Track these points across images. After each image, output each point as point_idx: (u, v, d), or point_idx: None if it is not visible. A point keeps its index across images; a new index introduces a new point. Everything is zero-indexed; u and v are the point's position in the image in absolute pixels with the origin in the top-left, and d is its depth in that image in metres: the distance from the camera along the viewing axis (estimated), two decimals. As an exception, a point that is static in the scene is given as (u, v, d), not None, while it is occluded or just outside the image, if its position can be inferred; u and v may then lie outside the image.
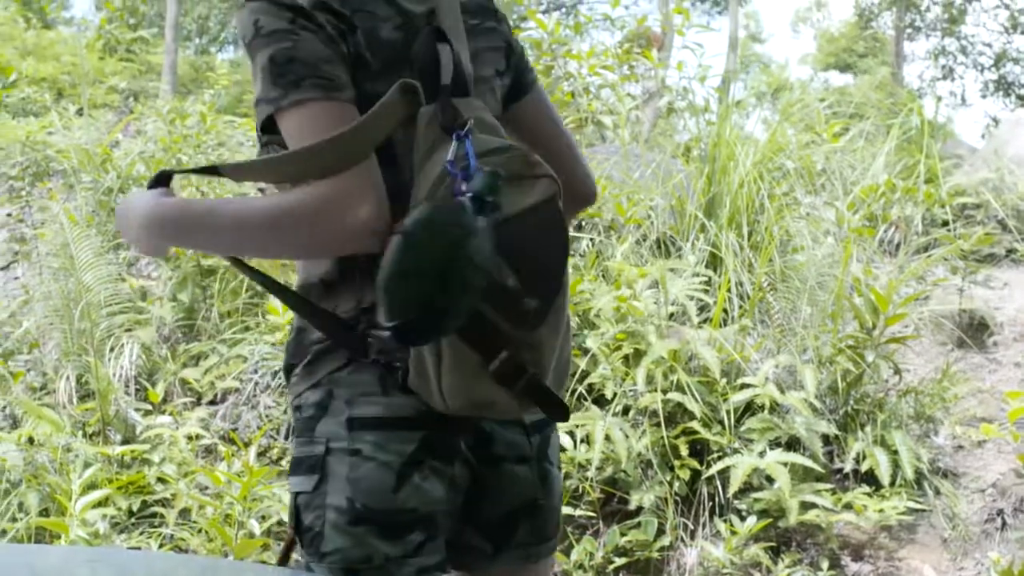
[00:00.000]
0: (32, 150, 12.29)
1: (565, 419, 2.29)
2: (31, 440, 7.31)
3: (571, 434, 6.42)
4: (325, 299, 2.31)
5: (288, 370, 2.40)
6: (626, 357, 6.65)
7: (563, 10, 26.33)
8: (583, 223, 7.84)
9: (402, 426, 2.24)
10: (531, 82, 2.60)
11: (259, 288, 8.47)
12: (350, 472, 2.22)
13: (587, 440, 6.37)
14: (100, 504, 6.47)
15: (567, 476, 6.38)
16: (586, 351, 6.65)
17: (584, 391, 6.56)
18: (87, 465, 6.92)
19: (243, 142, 11.52)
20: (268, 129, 2.28)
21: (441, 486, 2.27)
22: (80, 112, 14.65)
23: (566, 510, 6.21)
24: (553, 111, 2.66)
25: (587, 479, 6.33)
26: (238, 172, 2.54)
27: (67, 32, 23.76)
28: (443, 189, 2.09)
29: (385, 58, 2.29)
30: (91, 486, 6.59)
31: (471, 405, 2.18)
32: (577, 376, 6.55)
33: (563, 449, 6.17)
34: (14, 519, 6.84)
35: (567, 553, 6.26)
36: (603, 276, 7.40)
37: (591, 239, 7.74)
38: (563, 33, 10.47)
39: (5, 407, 8.53)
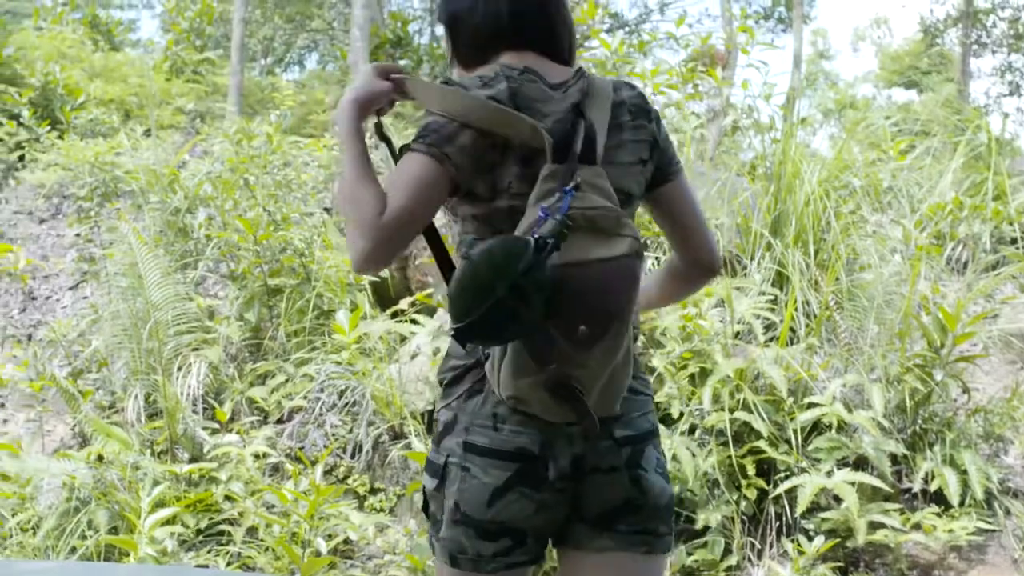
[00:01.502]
0: (101, 171, 12.40)
1: (594, 431, 2.71)
2: (100, 458, 7.37)
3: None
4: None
5: (440, 383, 2.96)
6: (692, 376, 6.64)
7: (626, 29, 26.33)
8: (648, 242, 7.82)
9: (502, 457, 2.76)
10: (674, 173, 3.03)
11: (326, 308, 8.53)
12: (460, 484, 2.77)
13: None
14: (168, 522, 6.51)
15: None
16: (652, 370, 6.64)
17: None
18: (155, 483, 6.97)
19: (308, 162, 11.58)
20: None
21: (530, 506, 2.76)
22: (148, 133, 14.78)
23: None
24: (692, 196, 3.09)
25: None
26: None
27: (134, 54, 23.98)
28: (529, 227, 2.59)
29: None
30: (159, 504, 6.63)
31: (514, 398, 2.68)
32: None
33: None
34: (84, 536, 6.89)
35: (633, 572, 6.26)
36: (669, 295, 7.39)
37: (656, 258, 7.72)
38: (626, 52, 10.46)
39: (75, 425, 8.62)
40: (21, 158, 15.13)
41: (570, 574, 2.96)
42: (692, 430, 6.51)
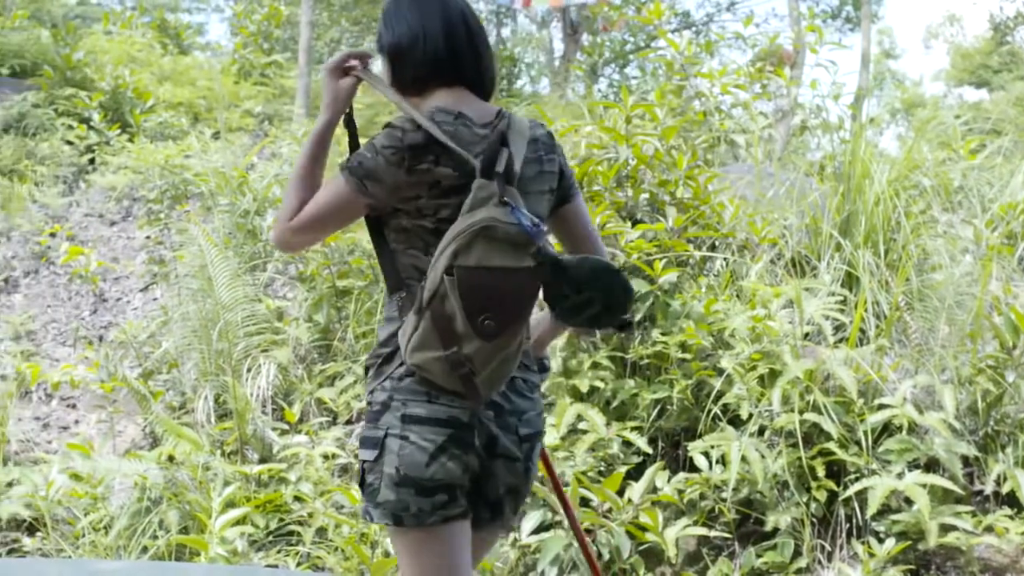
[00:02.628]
0: (170, 174, 12.49)
1: (478, 406, 3.33)
2: (171, 458, 7.43)
3: (706, 455, 6.40)
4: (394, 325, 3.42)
5: (366, 369, 3.50)
6: (761, 377, 6.61)
7: (693, 29, 26.24)
8: (716, 243, 7.80)
9: (438, 424, 3.31)
10: (573, 195, 3.73)
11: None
12: (400, 451, 3.30)
13: (722, 461, 6.33)
14: (239, 522, 6.55)
15: (702, 497, 6.36)
16: (721, 371, 6.62)
17: (719, 411, 6.52)
18: (226, 484, 7.01)
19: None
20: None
21: (458, 467, 3.32)
22: (216, 136, 14.87)
23: (700, 531, 6.21)
24: (586, 215, 3.80)
25: (723, 500, 6.29)
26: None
27: (203, 57, 24.12)
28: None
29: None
30: (230, 504, 6.67)
31: (417, 366, 3.24)
32: (712, 396, 6.52)
33: (685, 466, 6.13)
34: (155, 536, 6.94)
35: (702, 574, 6.24)
36: (737, 296, 7.35)
37: (725, 259, 7.70)
38: (694, 52, 10.43)
39: (146, 426, 8.68)
40: (92, 161, 15.26)
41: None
42: (761, 431, 6.48)
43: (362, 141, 3.51)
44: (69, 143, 15.23)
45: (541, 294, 3.32)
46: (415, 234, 3.40)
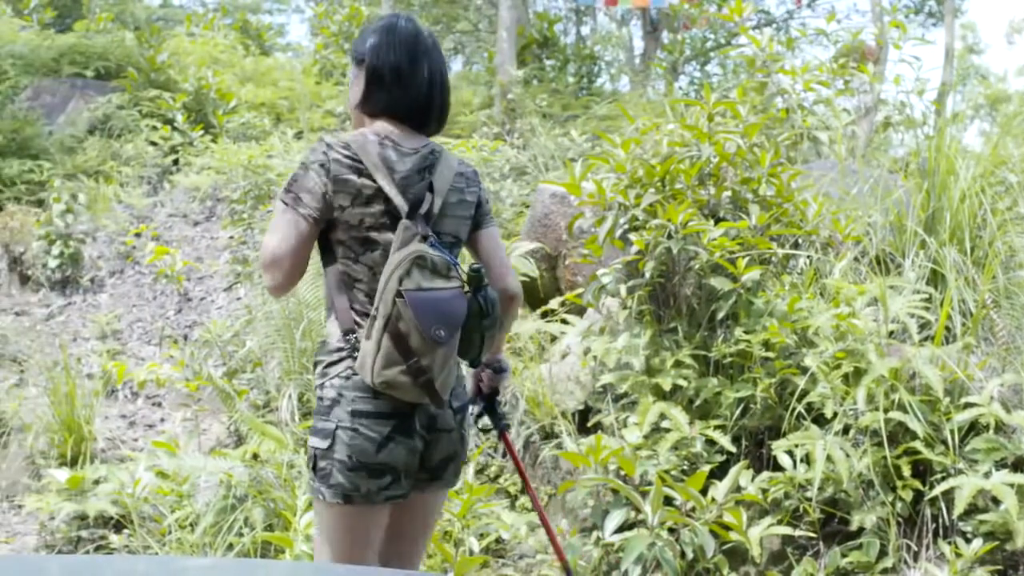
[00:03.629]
0: (253, 174, 12.58)
1: (441, 406, 4.06)
2: (255, 456, 7.47)
3: (790, 453, 6.36)
4: (347, 330, 4.08)
5: (315, 366, 4.15)
6: (846, 376, 6.56)
7: (774, 26, 26.07)
8: (799, 241, 7.75)
9: (384, 417, 3.97)
10: (488, 223, 4.42)
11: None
12: (350, 441, 3.95)
13: (807, 460, 6.29)
14: (323, 520, 6.56)
15: (787, 496, 6.33)
16: (804, 370, 6.58)
17: (803, 410, 6.48)
18: (311, 481, 7.03)
19: (455, 162, 11.62)
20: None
21: (404, 451, 4.00)
22: (298, 136, 14.97)
23: (785, 530, 6.18)
24: (499, 240, 4.46)
25: (807, 499, 6.25)
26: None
27: (284, 58, 24.28)
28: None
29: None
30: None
31: (386, 384, 3.87)
32: (796, 395, 6.49)
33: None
34: (240, 534, 6.99)
35: (786, 574, 6.20)
36: (821, 294, 7.30)
37: (808, 257, 7.65)
38: (775, 49, 10.37)
39: (230, 424, 8.75)
40: (176, 162, 15.41)
41: (407, 507, 4.22)
42: (846, 430, 6.43)
43: None
44: (153, 144, 15.39)
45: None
46: (347, 245, 4.08)
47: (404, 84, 4.19)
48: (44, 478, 8.46)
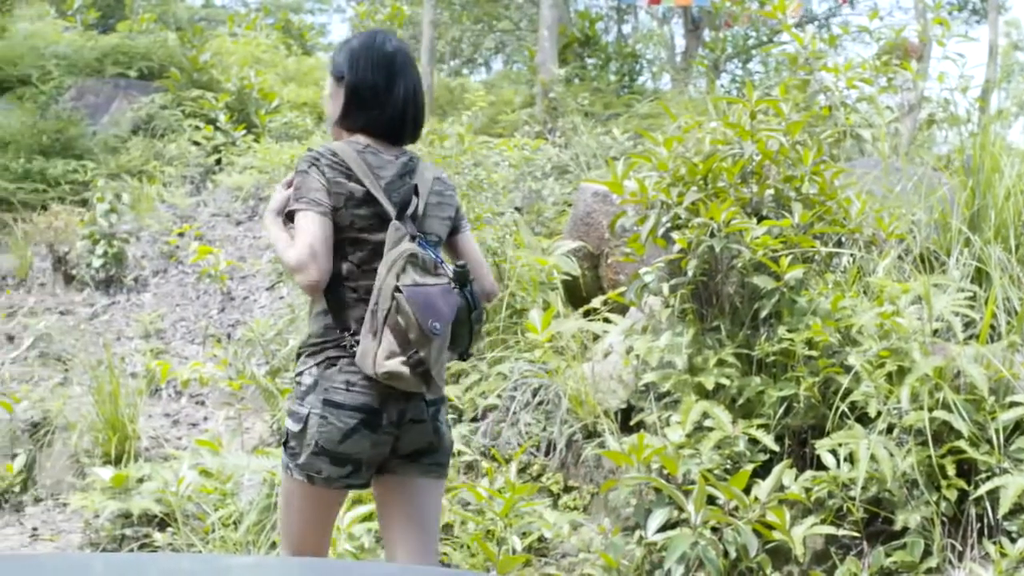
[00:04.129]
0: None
1: (438, 394, 4.38)
2: (298, 455, 7.47)
3: (834, 452, 6.34)
4: (326, 320, 4.38)
5: (298, 354, 4.46)
6: (890, 374, 6.53)
7: (816, 23, 25.97)
8: (843, 239, 7.72)
9: (352, 410, 4.24)
10: (464, 227, 4.74)
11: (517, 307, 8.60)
12: (319, 428, 4.25)
13: (850, 459, 6.27)
14: (366, 519, 6.59)
15: (830, 495, 6.30)
16: (848, 368, 6.56)
17: (847, 409, 6.46)
18: (353, 480, 7.05)
19: (499, 162, 11.64)
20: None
21: (367, 444, 4.27)
22: (341, 135, 14.98)
23: (828, 529, 6.16)
24: (473, 245, 4.78)
25: (851, 498, 6.23)
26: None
27: (326, 58, 24.32)
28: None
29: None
30: (356, 501, 6.72)
31: (387, 375, 4.13)
32: (840, 394, 6.46)
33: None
34: (284, 532, 6.99)
35: (830, 574, 6.18)
36: (864, 292, 7.27)
37: (852, 255, 7.62)
38: (817, 47, 10.33)
39: (273, 423, 8.78)
40: (218, 162, 15.48)
41: (386, 493, 4.53)
42: (890, 429, 6.40)
43: None
44: (196, 144, 15.47)
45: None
46: (336, 246, 4.33)
47: (382, 103, 4.50)
48: (88, 476, 8.51)
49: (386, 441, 4.32)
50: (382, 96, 4.50)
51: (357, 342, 4.23)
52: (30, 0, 22.11)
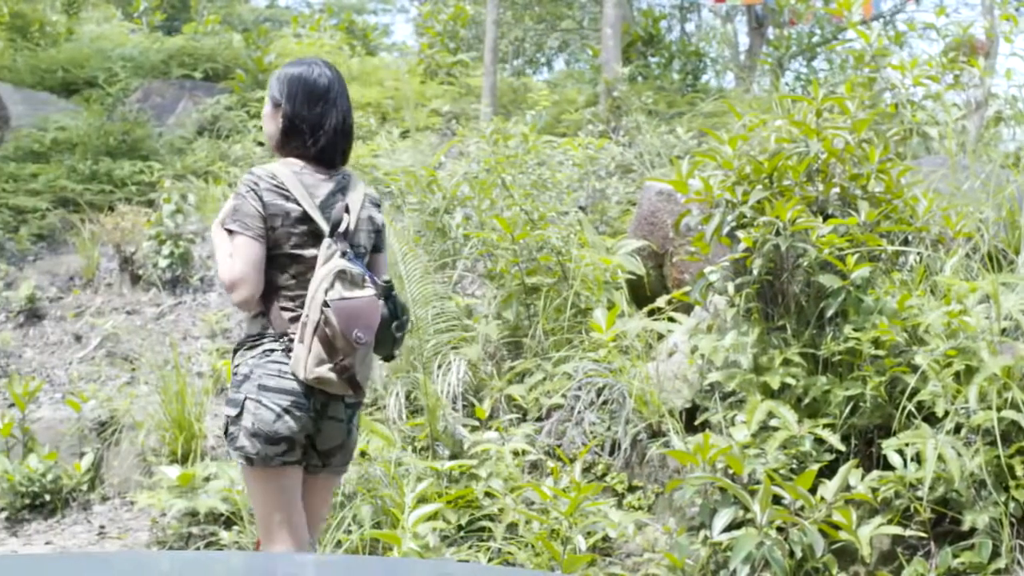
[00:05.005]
0: (362, 173, 12.64)
1: (362, 397, 4.98)
2: (363, 454, 7.52)
3: (900, 452, 6.30)
4: (264, 322, 4.88)
5: (235, 349, 4.96)
6: (957, 374, 6.48)
7: (882, 20, 25.80)
8: (909, 237, 7.67)
9: (284, 393, 4.71)
10: (382, 247, 5.16)
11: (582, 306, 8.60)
12: (255, 411, 4.70)
13: (917, 459, 6.23)
14: (431, 518, 6.61)
15: (897, 495, 6.26)
16: (915, 368, 6.51)
17: (914, 408, 6.41)
18: (418, 479, 7.09)
19: (562, 161, 11.63)
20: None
21: (297, 425, 4.72)
22: (404, 135, 15.03)
23: (895, 530, 6.12)
24: (386, 264, 5.25)
25: (918, 499, 6.19)
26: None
27: (389, 58, 24.41)
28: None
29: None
30: (422, 500, 6.75)
31: (317, 380, 4.66)
32: (907, 393, 6.42)
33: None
34: (349, 531, 7.04)
35: (897, 574, 6.15)
36: (931, 291, 7.22)
37: (918, 253, 7.57)
38: (883, 44, 10.26)
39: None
40: (283, 162, 15.51)
41: (305, 489, 4.94)
42: (957, 429, 6.36)
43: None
44: (260, 144, 15.52)
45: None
46: (276, 259, 4.81)
47: (315, 134, 4.95)
48: (155, 475, 8.58)
49: (310, 426, 4.80)
50: (315, 128, 4.95)
51: (292, 340, 4.76)
52: (97, 3, 22.32)
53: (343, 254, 4.78)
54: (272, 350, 4.80)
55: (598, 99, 17.30)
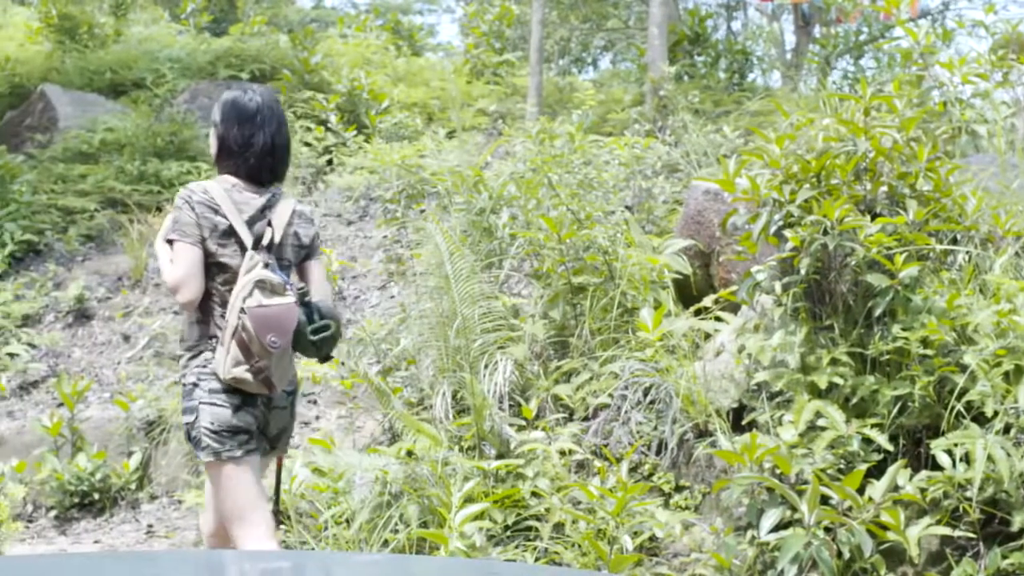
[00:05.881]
0: (407, 173, 12.67)
1: (292, 388, 5.54)
2: (410, 453, 7.53)
3: (949, 453, 6.26)
4: (200, 327, 5.40)
5: (178, 358, 5.50)
6: (1007, 373, 6.43)
7: (929, 18, 25.66)
8: (958, 236, 7.62)
9: (233, 393, 5.24)
10: (315, 256, 5.69)
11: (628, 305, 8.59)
12: (211, 410, 5.23)
13: (966, 459, 6.19)
14: (477, 517, 6.61)
15: (946, 496, 6.23)
16: (964, 367, 6.47)
17: (963, 408, 6.37)
18: (465, 479, 7.09)
19: (608, 160, 11.62)
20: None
21: (251, 417, 5.29)
22: (450, 135, 15.04)
23: (944, 530, 6.08)
24: (322, 272, 5.81)
25: (967, 499, 6.15)
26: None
27: (435, 58, 24.46)
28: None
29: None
30: (469, 499, 6.75)
31: (234, 380, 5.15)
32: (955, 393, 6.38)
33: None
34: (395, 530, 7.05)
35: (946, 574, 6.11)
36: (981, 290, 7.17)
37: (967, 252, 7.52)
38: (931, 42, 10.20)
39: (384, 421, 8.83)
40: (329, 162, 15.61)
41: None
42: (1007, 429, 6.31)
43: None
44: (307, 145, 15.59)
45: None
46: (207, 269, 5.32)
47: (246, 155, 5.49)
48: (202, 474, 8.62)
49: (261, 416, 5.38)
50: (245, 148, 5.49)
51: (219, 342, 5.28)
52: (145, 5, 22.45)
53: (265, 265, 5.28)
54: (212, 358, 5.31)
55: (644, 98, 17.30)
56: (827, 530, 6.13)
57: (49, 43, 19.34)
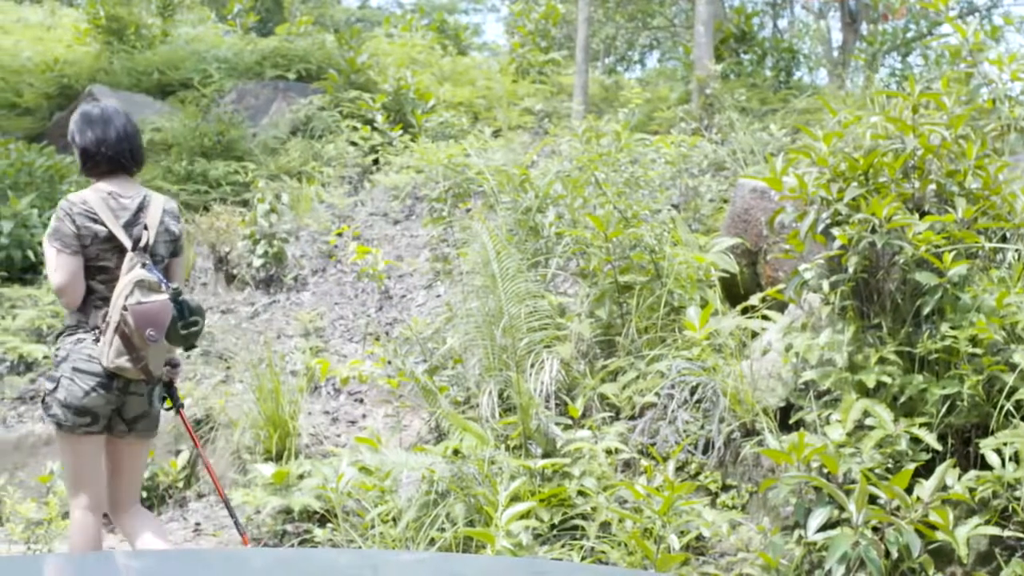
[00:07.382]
0: (453, 172, 12.68)
1: (154, 382, 6.15)
2: (456, 452, 7.53)
3: (998, 452, 6.22)
4: (80, 316, 6.03)
5: (58, 335, 6.14)
6: (1057, 372, 6.39)
7: (978, 14, 25.49)
8: (1007, 234, 7.57)
9: (92, 375, 5.89)
10: (179, 253, 6.35)
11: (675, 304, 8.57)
12: (68, 387, 5.89)
13: (1016, 458, 6.15)
14: (524, 516, 6.60)
15: (995, 495, 6.18)
16: (1013, 366, 6.42)
17: (1012, 408, 6.33)
18: (511, 478, 7.08)
19: (655, 159, 11.60)
20: None
21: (102, 400, 5.92)
22: (496, 134, 15.05)
23: (993, 530, 6.03)
24: (180, 266, 6.41)
25: (1016, 499, 6.10)
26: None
27: (480, 57, 24.49)
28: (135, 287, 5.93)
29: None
30: (515, 498, 6.74)
31: (117, 368, 5.83)
32: (1005, 392, 6.34)
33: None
34: (442, 529, 7.06)
35: (995, 574, 6.07)
36: (1030, 288, 7.12)
37: (1017, 250, 7.46)
38: (980, 38, 10.13)
39: (430, 420, 8.84)
40: (376, 162, 15.64)
41: (113, 452, 6.21)
42: (1057, 429, 6.27)
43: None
44: (354, 144, 15.65)
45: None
46: (89, 270, 5.98)
47: (102, 149, 6.13)
48: (250, 472, 8.67)
49: (114, 401, 6.02)
50: (101, 143, 6.13)
51: (101, 333, 5.94)
52: (192, 6, 22.57)
53: (143, 265, 5.96)
54: (84, 339, 5.99)
55: (690, 96, 17.26)
56: (875, 530, 6.09)
57: (97, 44, 19.49)
